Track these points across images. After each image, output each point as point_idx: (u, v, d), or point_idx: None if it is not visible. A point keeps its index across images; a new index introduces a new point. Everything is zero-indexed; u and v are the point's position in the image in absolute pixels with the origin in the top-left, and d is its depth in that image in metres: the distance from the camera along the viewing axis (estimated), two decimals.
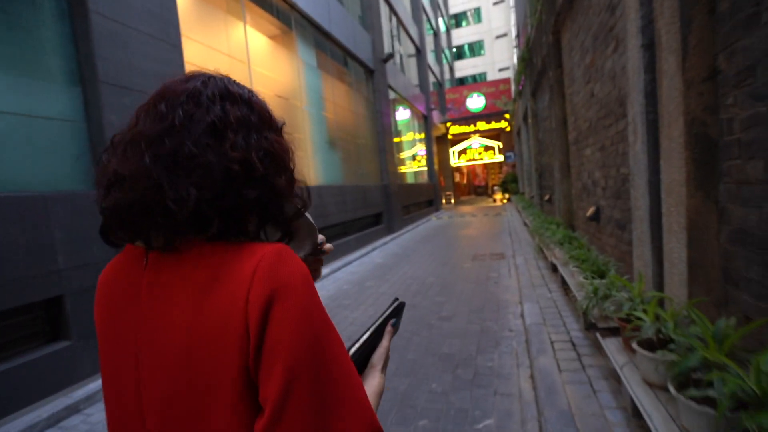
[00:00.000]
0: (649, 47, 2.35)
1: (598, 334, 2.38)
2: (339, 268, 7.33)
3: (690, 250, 1.90)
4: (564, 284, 4.32)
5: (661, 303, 2.17)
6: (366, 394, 0.49)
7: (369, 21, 11.57)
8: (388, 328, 0.69)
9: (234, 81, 0.60)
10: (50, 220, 2.85)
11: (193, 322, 0.47)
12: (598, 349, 2.58)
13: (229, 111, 0.53)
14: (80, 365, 2.96)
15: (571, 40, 5.25)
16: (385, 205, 11.47)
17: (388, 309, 0.71)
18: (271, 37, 6.80)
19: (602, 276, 2.99)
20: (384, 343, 0.66)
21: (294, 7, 7.31)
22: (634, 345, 1.85)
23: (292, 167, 0.59)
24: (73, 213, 2.99)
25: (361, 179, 10.39)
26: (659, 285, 2.37)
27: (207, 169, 0.49)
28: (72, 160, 3.21)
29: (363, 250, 8.92)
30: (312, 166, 7.79)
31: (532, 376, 2.60)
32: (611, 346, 2.24)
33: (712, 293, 1.86)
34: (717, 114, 1.84)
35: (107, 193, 0.51)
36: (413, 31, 19.03)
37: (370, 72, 11.54)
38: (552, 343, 2.87)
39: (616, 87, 3.42)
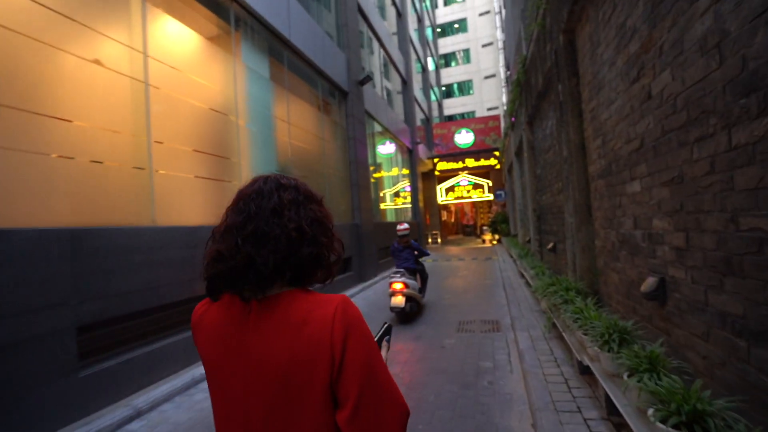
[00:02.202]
0: None
1: None
2: None
3: None
4: (610, 406, 2.48)
5: None
6: (398, 388, 0.77)
7: (344, 39, 10.25)
8: (384, 343, 1.02)
9: (284, 175, 0.87)
10: None
11: (292, 350, 0.72)
12: None
13: (282, 196, 0.81)
14: None
15: (595, 33, 3.72)
16: (356, 249, 9.64)
17: (380, 331, 1.05)
18: (198, 30, 5.20)
19: None
20: (383, 353, 0.98)
21: None
22: None
23: (332, 227, 0.88)
24: None
25: None
26: None
27: (276, 239, 0.76)
28: None
29: None
30: None
31: None
32: None
33: None
34: None
35: (213, 265, 0.78)
36: (399, 61, 18.06)
37: (343, 94, 10.07)
38: None
39: (726, 63, 1.77)
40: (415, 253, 6.26)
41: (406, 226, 6.33)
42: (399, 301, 5.60)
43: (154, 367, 3.80)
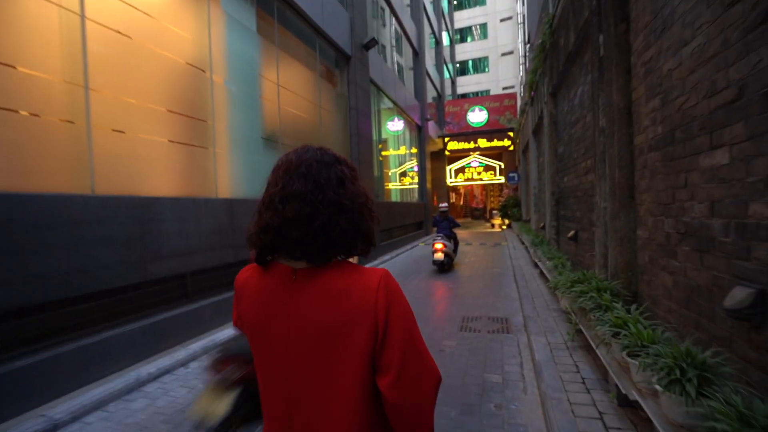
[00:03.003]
0: None
1: None
2: None
3: None
4: None
5: None
6: (432, 357, 0.80)
7: None
8: None
9: (330, 149, 0.87)
10: None
11: (334, 317, 0.75)
12: None
13: (343, 170, 0.82)
14: None
15: None
16: None
17: None
18: None
19: None
20: None
21: None
22: None
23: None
24: None
25: None
26: None
27: (350, 211, 0.79)
28: None
29: None
30: (226, 169, 5.21)
31: None
32: None
33: None
34: None
35: (279, 232, 0.77)
36: (411, 31, 16.84)
37: (345, 58, 9.11)
38: None
39: None
40: (451, 224, 8.57)
41: (446, 204, 9.04)
42: (440, 256, 7.95)
43: (86, 367, 3.12)
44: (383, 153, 13.71)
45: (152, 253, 3.80)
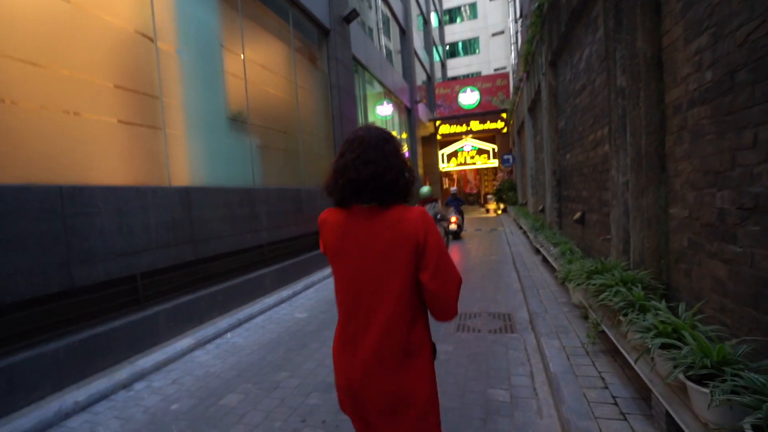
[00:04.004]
0: None
1: None
2: (230, 328, 4.03)
3: None
4: None
5: None
6: (456, 267, 1.18)
7: None
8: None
9: (383, 128, 1.26)
10: None
11: (391, 238, 1.13)
12: None
13: (395, 144, 1.22)
14: None
15: None
16: None
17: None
18: None
19: None
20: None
21: None
22: None
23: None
24: None
25: (300, 182, 7.12)
26: None
27: (402, 173, 1.20)
28: None
29: (289, 290, 5.62)
30: (181, 154, 4.48)
31: None
32: None
33: None
34: None
35: (359, 184, 1.15)
36: (398, 8, 15.93)
37: (323, 31, 8.30)
38: None
39: None
40: (459, 203, 11.22)
41: (456, 189, 12.03)
42: (454, 226, 10.32)
43: None
44: None
45: (82, 254, 3.11)
